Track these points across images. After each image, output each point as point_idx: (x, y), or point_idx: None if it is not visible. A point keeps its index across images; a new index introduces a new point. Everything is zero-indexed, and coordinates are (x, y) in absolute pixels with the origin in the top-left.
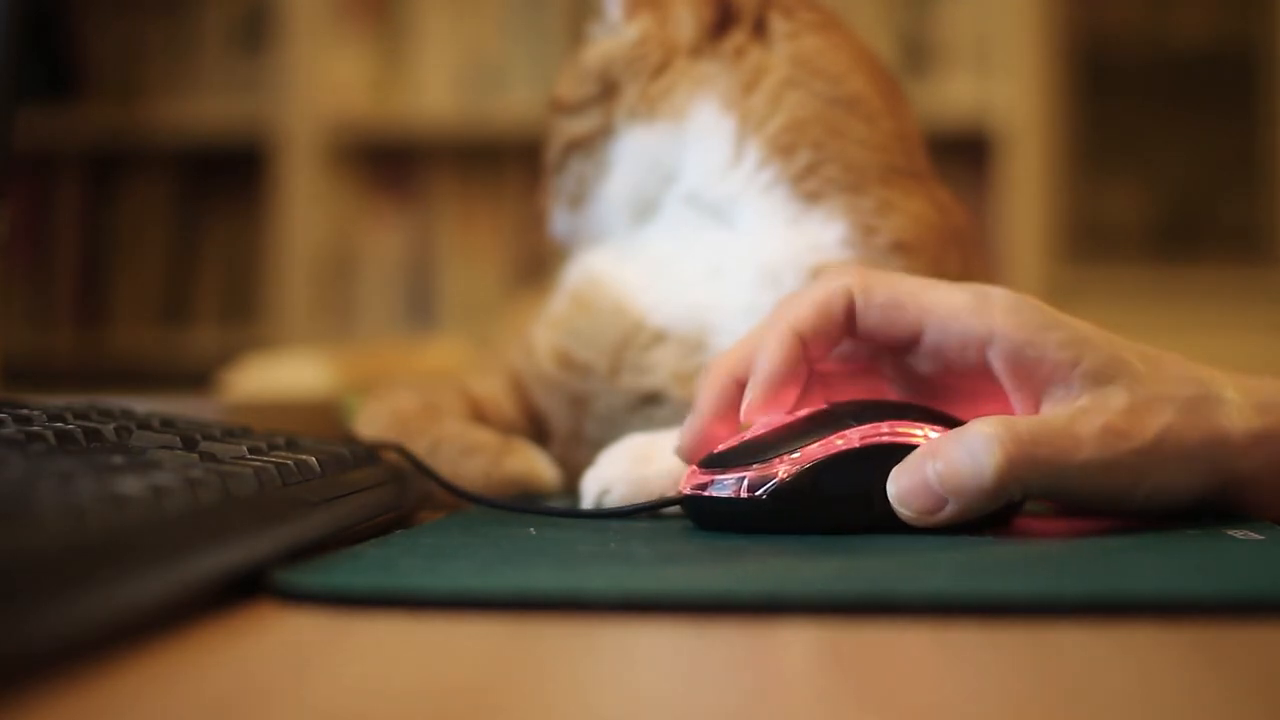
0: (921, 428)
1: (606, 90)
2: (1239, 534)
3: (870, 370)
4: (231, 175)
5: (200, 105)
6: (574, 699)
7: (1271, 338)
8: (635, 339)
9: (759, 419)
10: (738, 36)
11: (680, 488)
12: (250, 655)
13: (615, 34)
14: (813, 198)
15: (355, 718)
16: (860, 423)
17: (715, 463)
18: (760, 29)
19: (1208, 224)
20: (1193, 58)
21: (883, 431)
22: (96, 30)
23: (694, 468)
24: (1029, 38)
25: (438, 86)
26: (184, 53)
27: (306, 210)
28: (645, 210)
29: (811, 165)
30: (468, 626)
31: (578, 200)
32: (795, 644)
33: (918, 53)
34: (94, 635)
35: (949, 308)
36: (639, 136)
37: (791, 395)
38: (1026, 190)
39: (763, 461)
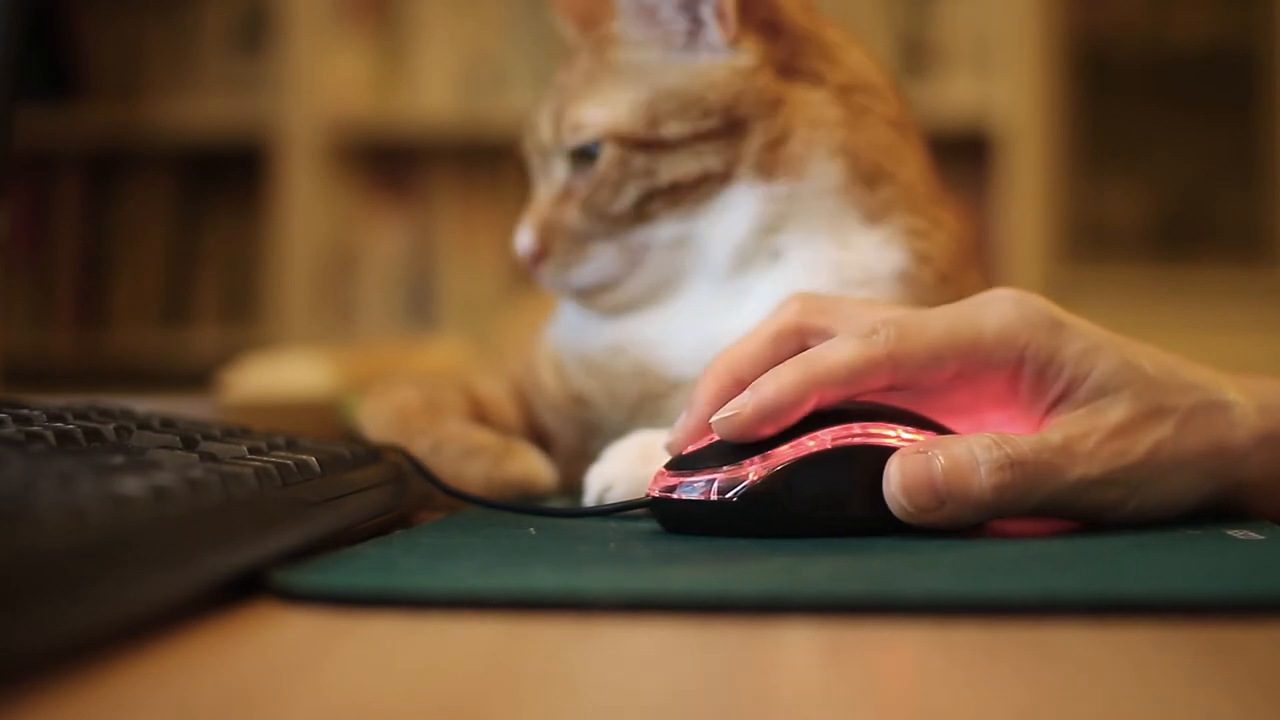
0: (894, 429)
1: (730, 127)
2: (1239, 534)
3: None
4: (232, 175)
5: (200, 105)
6: (573, 699)
7: (1271, 338)
8: (654, 389)
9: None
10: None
11: (648, 489)
12: (250, 655)
13: (712, 57)
14: (873, 220)
15: (355, 716)
16: (831, 424)
17: (684, 464)
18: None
19: (1208, 224)
20: (1193, 58)
21: (854, 433)
22: (96, 30)
23: (662, 469)
24: (1029, 38)
25: (438, 86)
26: (184, 53)
27: (306, 210)
28: (740, 266)
29: (888, 200)
30: (467, 627)
31: (635, 253)
32: (795, 644)
33: (918, 53)
34: (94, 635)
35: (982, 348)
36: (758, 188)
37: (781, 426)
38: (1026, 190)
39: (732, 463)
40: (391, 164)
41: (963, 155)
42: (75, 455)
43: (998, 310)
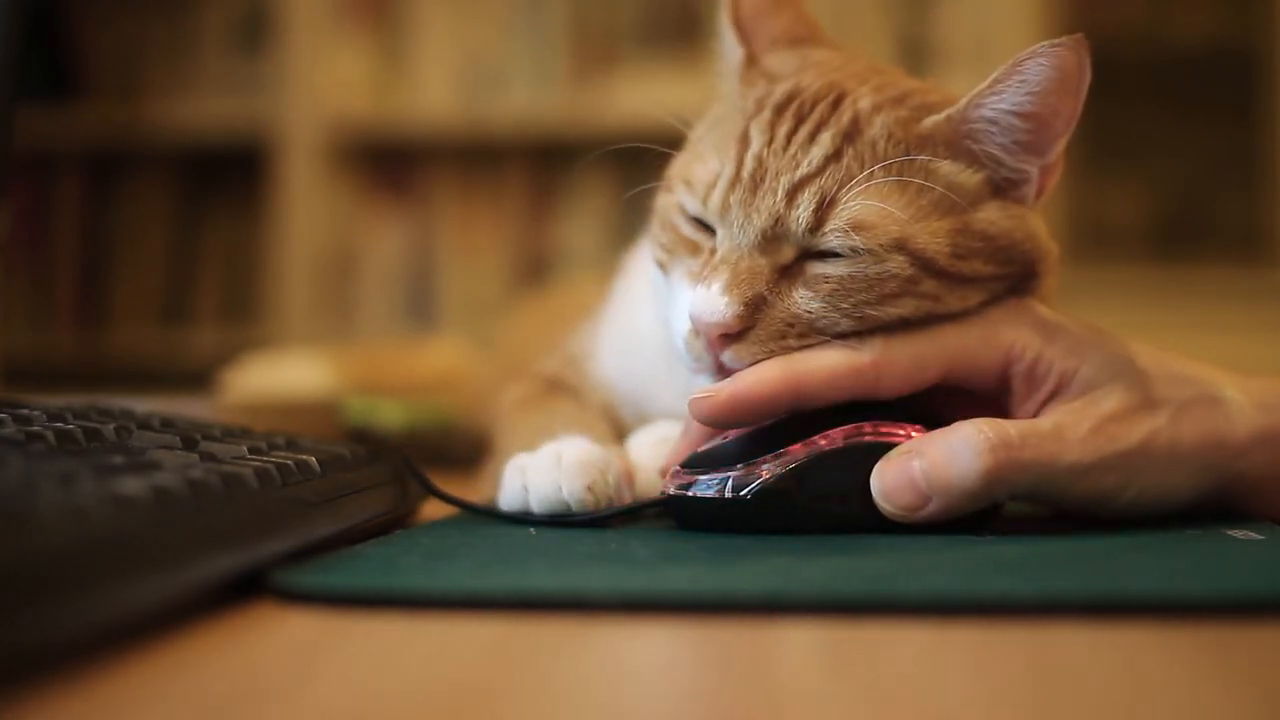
0: (903, 428)
1: (1024, 277)
2: (1239, 534)
3: None
4: (232, 175)
5: (200, 105)
6: (573, 698)
7: (1271, 338)
8: None
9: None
10: None
11: (662, 488)
12: (251, 655)
13: (1014, 208)
14: None
15: (356, 716)
16: (841, 423)
17: (698, 463)
18: None
19: (1208, 224)
20: (1193, 58)
21: (865, 431)
22: (96, 30)
23: (677, 468)
24: (1029, 38)
25: (438, 86)
26: (184, 53)
27: (307, 210)
28: None
29: None
30: (467, 626)
31: None
32: (795, 643)
33: (918, 53)
34: (94, 635)
35: (968, 350)
36: None
37: (751, 420)
38: None
39: (746, 462)
40: (391, 164)
41: None
42: (75, 455)
43: (983, 315)
